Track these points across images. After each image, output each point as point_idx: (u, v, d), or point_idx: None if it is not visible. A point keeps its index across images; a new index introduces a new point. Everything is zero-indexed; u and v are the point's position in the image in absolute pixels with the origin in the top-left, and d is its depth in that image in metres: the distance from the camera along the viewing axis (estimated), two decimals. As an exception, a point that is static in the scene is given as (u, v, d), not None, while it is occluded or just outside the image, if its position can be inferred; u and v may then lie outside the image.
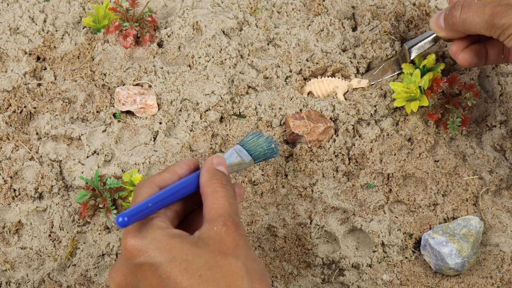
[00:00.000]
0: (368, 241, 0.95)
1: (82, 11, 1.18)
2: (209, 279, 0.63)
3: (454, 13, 0.86)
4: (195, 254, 0.64)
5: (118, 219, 0.65)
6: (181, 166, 0.73)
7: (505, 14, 0.80)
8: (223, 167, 0.72)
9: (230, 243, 0.65)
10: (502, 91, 1.07)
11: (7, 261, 0.94)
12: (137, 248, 0.65)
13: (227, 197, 0.69)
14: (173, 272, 0.63)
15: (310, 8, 1.15)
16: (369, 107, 1.02)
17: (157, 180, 0.71)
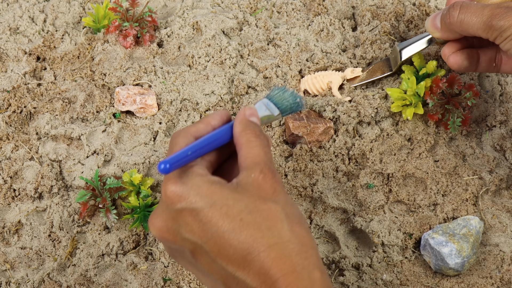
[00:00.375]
0: (368, 241, 0.95)
1: (82, 11, 1.18)
2: (250, 222, 0.64)
3: (452, 13, 0.86)
4: (235, 199, 0.65)
5: (160, 166, 0.65)
6: (215, 117, 0.74)
7: (504, 16, 0.80)
8: (255, 118, 0.73)
9: (268, 189, 0.66)
10: (502, 91, 1.07)
11: (7, 261, 0.94)
12: (178, 194, 0.65)
13: (262, 146, 0.70)
14: (214, 217, 0.64)
15: (310, 8, 1.15)
16: (370, 109, 1.02)
17: (192, 131, 0.72)
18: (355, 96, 1.04)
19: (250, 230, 0.63)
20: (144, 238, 0.95)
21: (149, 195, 0.95)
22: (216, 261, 0.64)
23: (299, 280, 0.62)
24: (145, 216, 0.93)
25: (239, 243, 0.63)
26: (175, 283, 0.92)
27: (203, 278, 0.69)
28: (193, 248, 0.66)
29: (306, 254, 0.64)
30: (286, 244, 0.64)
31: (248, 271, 0.63)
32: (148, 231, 0.95)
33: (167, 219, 0.67)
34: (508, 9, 0.80)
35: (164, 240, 0.68)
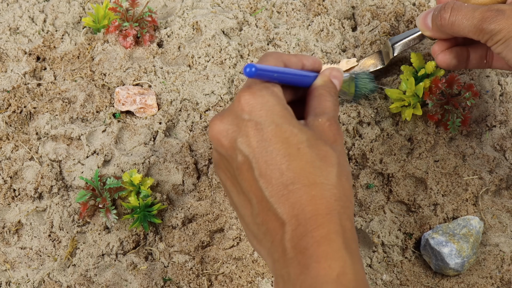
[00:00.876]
0: (368, 241, 0.95)
1: (82, 11, 1.18)
2: (306, 154, 0.64)
3: (443, 15, 0.85)
4: (301, 130, 0.65)
5: (247, 68, 0.65)
6: (308, 59, 0.74)
7: (494, 19, 0.80)
8: (337, 81, 0.74)
9: (331, 136, 0.67)
10: (502, 91, 1.07)
11: (7, 261, 0.94)
12: (251, 105, 0.65)
13: (333, 102, 0.71)
14: (276, 136, 0.64)
15: (310, 8, 1.15)
16: (370, 110, 1.02)
17: (284, 58, 0.72)
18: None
19: (302, 162, 0.63)
20: (144, 238, 0.95)
21: (149, 195, 0.95)
22: (258, 180, 0.64)
23: (332, 223, 0.62)
24: (145, 216, 0.94)
25: (287, 170, 0.63)
26: (175, 283, 0.92)
27: (237, 195, 0.68)
28: (243, 161, 0.65)
29: (344, 203, 0.64)
30: (330, 187, 0.64)
31: (285, 200, 0.63)
32: (148, 231, 0.95)
33: (230, 124, 0.66)
34: (499, 12, 0.80)
35: (218, 144, 0.67)
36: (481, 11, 0.81)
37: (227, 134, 0.66)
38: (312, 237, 0.61)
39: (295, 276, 0.61)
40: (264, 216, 0.64)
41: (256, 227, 0.66)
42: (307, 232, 0.61)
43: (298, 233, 0.62)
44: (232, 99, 0.69)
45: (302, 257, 0.61)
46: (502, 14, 0.79)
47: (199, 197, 0.97)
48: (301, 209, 0.62)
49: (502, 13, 0.79)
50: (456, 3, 0.85)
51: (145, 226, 0.94)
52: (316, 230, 0.61)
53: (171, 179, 0.99)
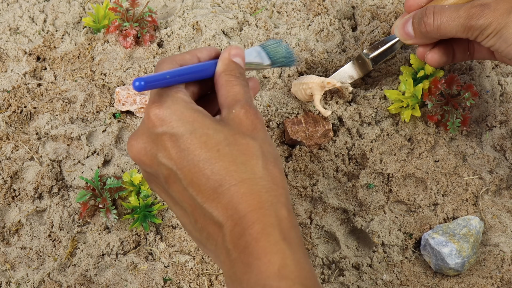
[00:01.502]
0: (368, 241, 0.95)
1: (82, 11, 1.18)
2: (227, 154, 0.64)
3: (427, 21, 0.85)
4: (216, 130, 0.65)
5: (135, 83, 0.65)
6: (202, 51, 0.74)
7: (481, 14, 0.80)
8: (239, 58, 0.73)
9: (248, 125, 0.67)
10: (502, 91, 1.07)
11: (7, 261, 0.94)
12: (161, 118, 0.65)
13: (242, 85, 0.70)
14: (193, 144, 0.64)
15: (310, 8, 1.15)
16: (370, 110, 1.02)
17: (178, 59, 0.72)
18: (355, 97, 1.04)
19: (225, 162, 0.64)
20: (144, 238, 0.95)
21: (149, 195, 0.95)
22: (187, 189, 0.64)
23: (266, 217, 0.62)
24: (145, 216, 0.93)
25: (212, 174, 0.63)
26: (175, 283, 0.92)
27: (173, 206, 0.69)
28: (168, 174, 0.65)
29: (275, 193, 0.64)
30: (258, 181, 0.64)
31: (217, 204, 0.63)
32: (148, 231, 0.95)
33: (146, 141, 0.67)
34: (484, 6, 0.80)
35: (141, 163, 0.68)
36: (466, 9, 0.81)
37: (146, 152, 0.67)
38: (249, 234, 0.61)
39: (240, 275, 0.61)
40: (202, 222, 0.65)
41: (198, 233, 0.66)
42: (244, 230, 0.62)
43: (236, 232, 0.62)
44: None
45: (244, 256, 0.61)
46: (487, 8, 0.79)
47: (199, 197, 0.97)
48: (234, 209, 0.62)
49: (487, 7, 0.80)
50: (436, 6, 0.85)
51: (145, 226, 0.94)
52: (252, 227, 0.62)
53: (171, 179, 0.99)
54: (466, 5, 0.81)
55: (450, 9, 0.83)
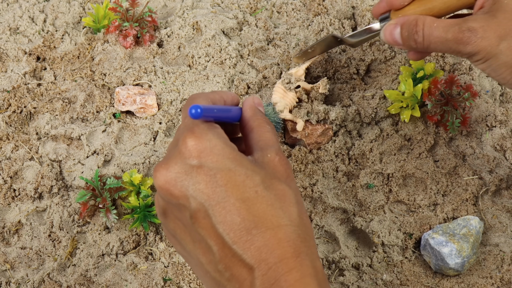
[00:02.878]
0: (368, 241, 0.95)
1: (82, 11, 1.18)
2: (264, 197, 0.62)
3: (417, 39, 0.83)
4: (254, 171, 0.63)
5: (192, 110, 0.63)
6: (227, 95, 0.74)
7: (469, 41, 0.78)
8: (262, 108, 0.74)
9: (283, 172, 0.66)
10: (502, 91, 1.07)
11: (7, 261, 0.94)
12: (200, 150, 0.63)
13: (273, 132, 0.70)
14: (231, 181, 0.62)
15: (310, 8, 1.15)
16: (370, 110, 1.02)
17: (210, 97, 0.71)
18: (354, 98, 1.04)
19: (262, 205, 0.62)
20: (144, 238, 0.95)
21: (149, 195, 0.95)
22: (217, 227, 0.62)
23: (304, 266, 0.61)
24: (145, 216, 0.93)
25: (248, 215, 0.61)
26: (175, 283, 0.92)
27: (191, 244, 0.65)
28: (197, 208, 0.63)
29: (310, 243, 0.63)
30: (294, 229, 0.62)
31: (250, 245, 0.61)
32: (148, 231, 0.95)
33: (179, 171, 0.63)
34: (471, 32, 0.77)
35: (167, 193, 0.64)
36: (454, 33, 0.79)
37: (176, 182, 0.64)
38: (285, 281, 0.60)
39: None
40: (227, 262, 0.62)
41: (218, 274, 0.64)
42: (279, 276, 0.60)
43: (270, 277, 0.60)
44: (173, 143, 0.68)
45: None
46: (475, 35, 0.77)
47: (199, 197, 0.97)
48: (270, 253, 0.61)
49: (474, 33, 0.77)
50: (426, 22, 0.82)
51: (145, 226, 0.94)
52: (288, 274, 0.60)
53: (171, 179, 0.99)
54: (454, 28, 0.79)
55: (439, 30, 0.80)
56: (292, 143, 1.01)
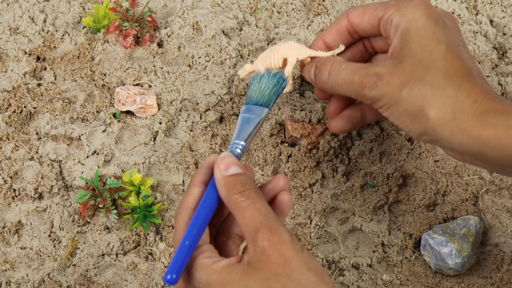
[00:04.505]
0: (368, 241, 0.95)
1: (82, 11, 1.18)
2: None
3: (322, 79, 0.81)
4: (247, 285, 0.62)
5: (167, 276, 0.63)
6: (203, 173, 0.71)
7: (374, 86, 0.75)
8: (234, 167, 0.69)
9: (278, 259, 0.63)
10: (502, 91, 1.07)
11: (7, 261, 0.94)
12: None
13: (252, 203, 0.66)
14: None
15: (310, 8, 1.15)
16: (369, 107, 1.02)
17: (190, 202, 0.69)
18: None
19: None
20: (144, 238, 0.95)
21: (149, 195, 0.95)
22: None
23: None
24: (145, 216, 0.94)
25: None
26: (175, 283, 0.92)
27: None
28: None
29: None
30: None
31: None
32: (148, 231, 0.95)
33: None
34: (378, 77, 0.75)
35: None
36: (360, 76, 0.76)
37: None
38: None
39: None
40: None
41: None
42: None
43: None
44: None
45: None
46: (380, 80, 0.74)
47: (199, 197, 0.97)
48: None
49: (380, 79, 0.74)
50: (333, 63, 0.80)
51: (145, 226, 0.94)
52: None
53: (172, 179, 0.99)
54: (362, 71, 0.76)
55: (346, 71, 0.78)
56: (292, 143, 1.01)
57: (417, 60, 0.74)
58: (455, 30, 0.79)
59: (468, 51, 0.78)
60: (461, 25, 1.14)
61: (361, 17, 0.82)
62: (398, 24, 0.77)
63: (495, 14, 1.17)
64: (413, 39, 0.75)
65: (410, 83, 0.73)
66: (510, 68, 1.10)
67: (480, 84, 0.74)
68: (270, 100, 0.77)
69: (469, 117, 0.71)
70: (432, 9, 0.78)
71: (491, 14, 1.18)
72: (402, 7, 0.78)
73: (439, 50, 0.75)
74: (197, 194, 0.70)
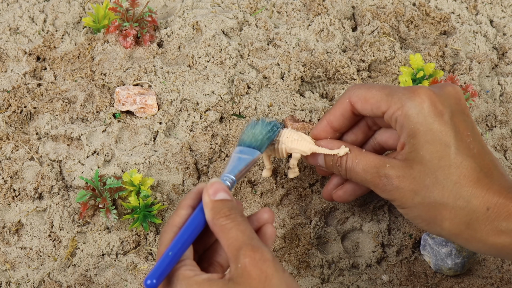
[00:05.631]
0: (368, 241, 0.95)
1: (82, 11, 1.18)
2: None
3: (340, 171, 0.82)
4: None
5: (147, 281, 0.65)
6: (191, 197, 0.73)
7: (384, 189, 0.76)
8: (222, 193, 0.71)
9: (259, 276, 0.64)
10: (502, 91, 1.07)
11: (7, 261, 0.94)
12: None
13: (236, 225, 0.68)
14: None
15: (310, 8, 1.15)
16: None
17: (176, 221, 0.71)
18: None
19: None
20: (144, 238, 0.95)
21: (149, 195, 0.95)
22: None
23: None
24: (145, 216, 0.94)
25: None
26: (175, 283, 0.92)
27: None
28: None
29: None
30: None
31: None
32: (148, 231, 0.95)
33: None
34: (388, 180, 0.76)
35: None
36: (372, 176, 0.77)
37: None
38: None
39: None
40: None
41: None
42: None
43: None
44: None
45: None
46: (390, 184, 0.76)
47: (199, 197, 0.97)
48: None
49: (390, 181, 0.76)
50: (348, 158, 0.81)
51: (145, 226, 0.94)
52: None
53: (171, 179, 0.99)
54: (373, 171, 0.77)
55: (359, 167, 0.79)
56: (292, 143, 1.01)
57: (426, 168, 0.74)
58: (462, 115, 0.77)
59: (478, 135, 0.77)
60: (461, 25, 1.15)
61: (363, 106, 0.81)
62: (403, 125, 0.76)
63: (495, 14, 1.17)
64: (420, 145, 0.74)
65: (421, 192, 0.74)
66: (510, 68, 1.10)
67: (492, 184, 0.73)
68: (263, 144, 0.80)
69: (483, 226, 0.72)
70: (436, 101, 0.75)
71: (491, 14, 1.18)
72: (406, 105, 0.75)
73: (448, 156, 0.73)
74: (184, 215, 0.72)
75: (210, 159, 1.00)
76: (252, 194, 0.97)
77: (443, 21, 1.16)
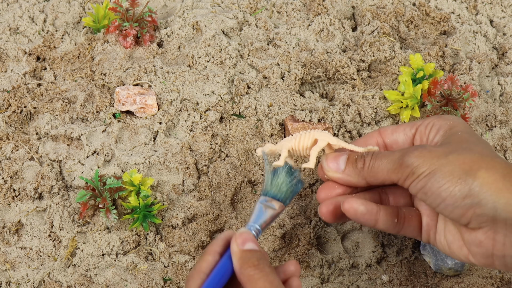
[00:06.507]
0: (368, 241, 0.95)
1: (82, 11, 1.18)
2: None
3: (365, 159, 0.80)
4: None
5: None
6: (219, 244, 0.73)
7: (413, 153, 0.74)
8: (250, 243, 0.72)
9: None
10: (502, 91, 1.07)
11: (7, 261, 0.94)
12: None
13: (265, 276, 0.69)
14: None
15: (310, 8, 1.15)
16: (370, 110, 1.02)
17: (203, 267, 0.71)
18: (354, 97, 1.04)
19: None
20: (144, 238, 0.95)
21: (149, 195, 0.95)
22: None
23: None
24: (145, 216, 0.94)
25: None
26: (175, 283, 0.92)
27: None
28: None
29: None
30: None
31: None
32: (148, 231, 0.95)
33: None
34: (421, 148, 0.75)
35: None
36: (394, 164, 0.76)
37: None
38: None
39: None
40: None
41: None
42: None
43: None
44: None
45: None
46: (416, 159, 0.74)
47: (199, 197, 0.97)
48: None
49: (423, 147, 0.75)
50: (371, 161, 0.79)
51: (145, 226, 0.94)
52: None
53: (171, 179, 0.99)
54: (395, 159, 0.76)
55: (384, 161, 0.78)
56: (292, 143, 1.01)
57: (464, 140, 0.75)
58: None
59: None
60: (461, 25, 1.15)
61: (394, 131, 0.82)
62: (441, 125, 0.78)
63: (495, 14, 1.17)
64: (457, 134, 0.77)
65: (457, 151, 0.73)
66: (510, 68, 1.10)
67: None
68: (287, 197, 0.80)
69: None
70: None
71: (491, 14, 1.18)
72: (442, 116, 0.80)
73: (483, 141, 0.77)
74: (211, 261, 0.72)
75: (210, 159, 1.00)
76: (252, 194, 0.97)
77: (443, 21, 1.16)
